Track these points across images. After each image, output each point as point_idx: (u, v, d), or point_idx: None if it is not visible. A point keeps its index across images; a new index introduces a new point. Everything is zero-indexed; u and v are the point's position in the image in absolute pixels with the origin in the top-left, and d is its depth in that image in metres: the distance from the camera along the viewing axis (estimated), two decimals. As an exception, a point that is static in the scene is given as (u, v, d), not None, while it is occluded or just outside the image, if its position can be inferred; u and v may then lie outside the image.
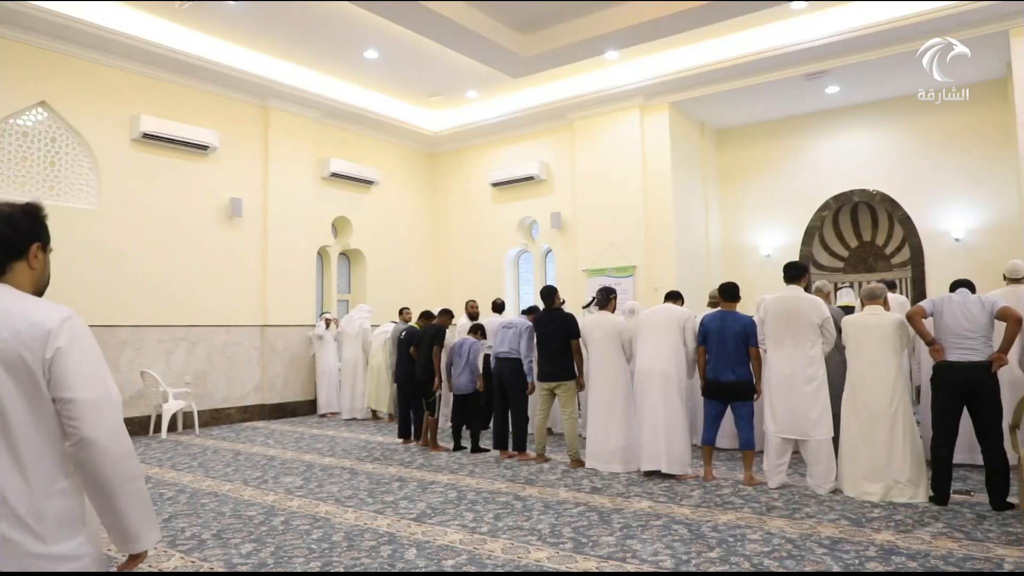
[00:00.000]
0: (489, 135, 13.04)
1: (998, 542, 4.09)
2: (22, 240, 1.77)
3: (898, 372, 5.16)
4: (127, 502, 1.71)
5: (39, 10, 8.01)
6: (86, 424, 1.64)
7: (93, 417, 1.65)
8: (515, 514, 4.98)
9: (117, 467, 1.68)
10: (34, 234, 1.80)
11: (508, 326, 7.31)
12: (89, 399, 1.65)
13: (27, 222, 1.79)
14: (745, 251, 12.22)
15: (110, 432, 1.67)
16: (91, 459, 1.65)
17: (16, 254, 1.76)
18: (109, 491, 1.68)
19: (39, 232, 1.81)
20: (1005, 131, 9.47)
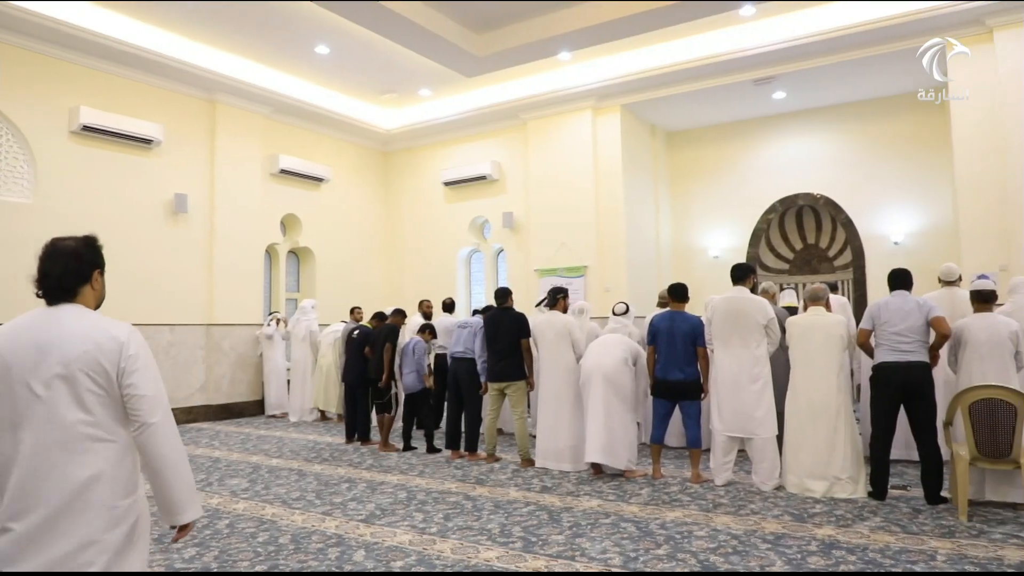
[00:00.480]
0: (442, 134, 12.98)
1: (932, 535, 4.24)
2: (87, 269, 2.22)
3: (839, 372, 5.30)
4: (176, 477, 2.17)
5: (-29, -5, 7.68)
6: (147, 413, 2.13)
7: (152, 408, 2.14)
8: (465, 514, 4.96)
9: (168, 448, 2.16)
10: (95, 262, 2.25)
11: (464, 325, 7.28)
12: (150, 395, 2.14)
13: (89, 253, 2.24)
14: (694, 252, 12.42)
15: (164, 419, 2.16)
16: (150, 440, 2.13)
17: (84, 280, 2.21)
18: (162, 467, 2.14)
19: (98, 260, 2.27)
20: (942, 139, 9.83)
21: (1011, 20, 8.57)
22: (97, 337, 2.12)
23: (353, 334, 8.32)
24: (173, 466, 2.17)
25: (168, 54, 9.51)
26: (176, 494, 2.18)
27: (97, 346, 2.10)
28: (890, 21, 8.86)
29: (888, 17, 8.85)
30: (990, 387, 4.66)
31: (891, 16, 8.83)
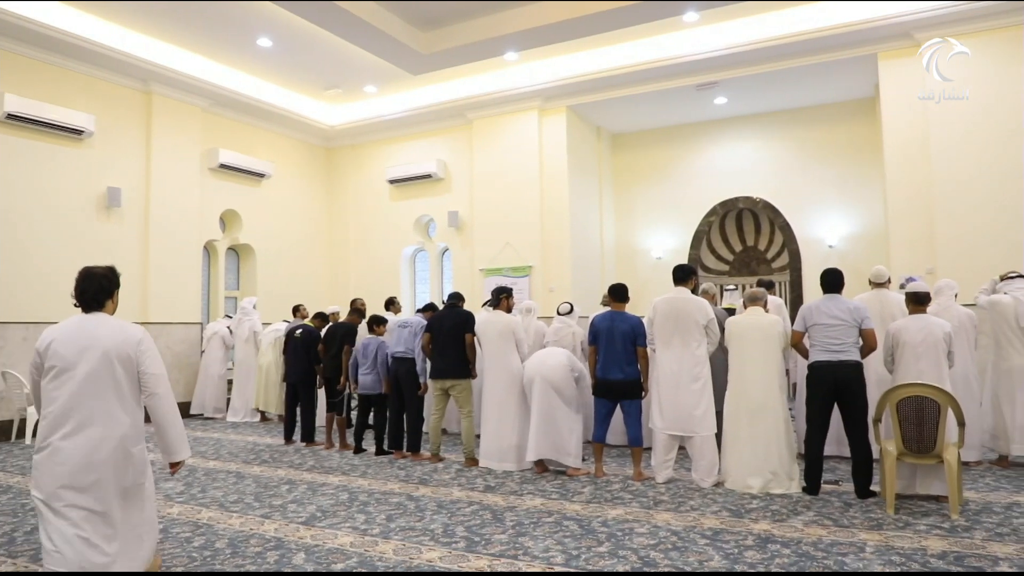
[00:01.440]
0: (387, 131, 12.85)
1: (862, 527, 4.39)
2: (113, 288, 3.45)
3: (776, 371, 5.45)
4: (173, 429, 3.41)
5: None
6: (153, 386, 3.34)
7: (156, 383, 3.34)
8: (408, 515, 4.92)
9: (168, 410, 3.37)
10: (115, 284, 3.47)
11: (404, 325, 7.21)
12: (156, 374, 3.35)
13: (113, 278, 3.46)
14: (638, 253, 12.60)
15: (165, 391, 3.37)
16: (155, 405, 3.34)
17: (108, 296, 3.42)
18: (163, 423, 3.37)
19: (117, 283, 3.48)
20: (874, 146, 10.20)
21: (937, 35, 8.93)
22: (121, 335, 3.32)
23: (295, 333, 8.16)
24: (171, 424, 3.40)
25: (100, 41, 9.16)
26: (172, 442, 3.43)
27: (123, 340, 3.30)
28: (825, 32, 9.16)
29: (824, 28, 9.16)
30: (916, 385, 4.85)
31: (827, 27, 9.14)
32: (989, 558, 3.78)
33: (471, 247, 11.96)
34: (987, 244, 8.51)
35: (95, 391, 3.19)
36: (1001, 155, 8.61)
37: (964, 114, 8.82)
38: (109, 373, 3.22)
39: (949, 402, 4.71)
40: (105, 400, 3.21)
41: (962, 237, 8.71)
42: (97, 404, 3.19)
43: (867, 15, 8.96)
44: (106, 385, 3.21)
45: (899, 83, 9.32)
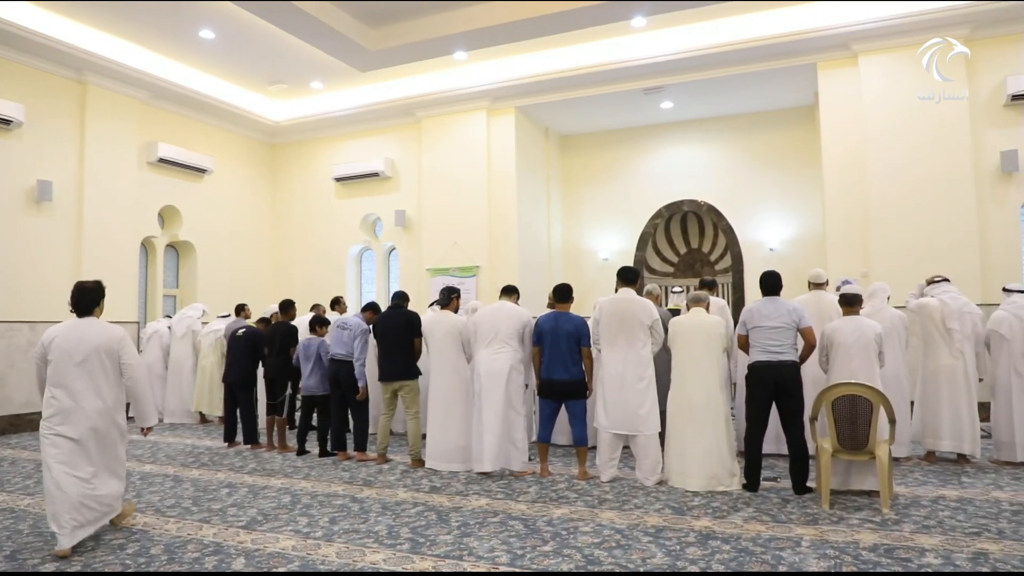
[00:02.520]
0: (334, 128, 12.68)
1: (798, 523, 4.51)
2: (100, 299, 4.59)
3: (718, 371, 5.56)
4: (145, 403, 4.57)
5: None
6: (131, 372, 4.44)
7: (133, 371, 4.46)
8: (352, 517, 4.86)
9: (142, 389, 4.52)
10: (103, 294, 4.63)
11: (343, 326, 7.09)
12: (133, 363, 4.47)
13: (101, 289, 4.62)
14: (584, 254, 12.71)
15: (141, 376, 4.52)
16: (133, 386, 4.47)
17: (96, 305, 4.56)
18: (139, 398, 4.52)
19: (103, 294, 4.63)
20: (813, 153, 10.51)
21: (874, 47, 9.29)
22: (107, 334, 4.45)
23: (238, 333, 7.97)
24: (144, 399, 4.57)
25: (30, 27, 8.79)
26: (145, 412, 4.63)
27: (109, 338, 4.43)
28: (768, 40, 9.41)
29: (766, 37, 9.41)
30: (850, 384, 5.02)
31: (769, 36, 9.39)
32: (916, 549, 3.93)
33: (418, 246, 11.89)
34: (919, 249, 8.86)
35: (88, 375, 4.33)
36: (933, 164, 8.98)
37: (899, 124, 9.17)
38: (99, 362, 4.37)
39: (881, 401, 4.88)
40: (95, 381, 4.35)
41: (895, 242, 9.05)
42: (90, 384, 4.32)
43: (807, 26, 9.24)
44: (96, 370, 4.36)
45: (838, 92, 9.64)
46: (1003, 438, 6.31)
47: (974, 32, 8.89)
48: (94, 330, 4.42)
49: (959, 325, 6.30)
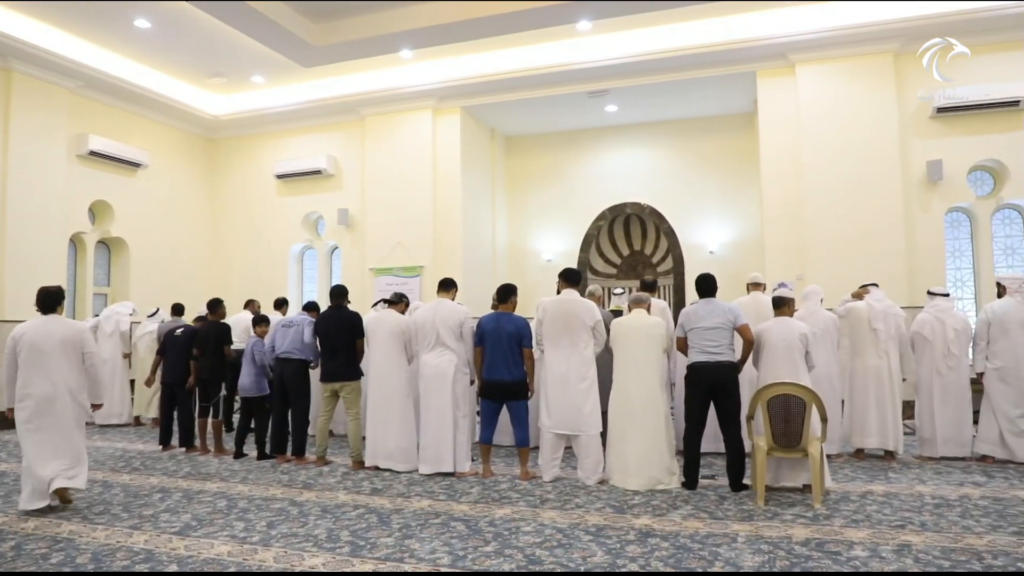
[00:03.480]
0: (276, 124, 12.42)
1: (734, 519, 4.62)
2: (61, 299, 5.40)
3: (658, 371, 5.66)
4: (101, 385, 5.45)
5: None
6: (91, 360, 5.31)
7: (92, 359, 5.33)
8: (290, 520, 4.76)
9: (98, 373, 5.40)
10: (63, 296, 5.47)
11: (288, 324, 6.97)
12: (92, 352, 5.34)
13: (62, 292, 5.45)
14: (529, 255, 12.75)
15: (99, 364, 5.43)
16: (91, 372, 5.32)
17: (59, 304, 5.37)
18: (94, 381, 5.37)
19: (64, 295, 5.48)
20: (752, 159, 10.78)
21: (810, 57, 9.59)
22: (70, 329, 5.25)
23: (175, 333, 7.73)
24: (98, 382, 5.38)
25: (-48, 12, 8.37)
26: (99, 392, 5.42)
27: (72, 333, 5.23)
28: (710, 48, 9.63)
29: (708, 44, 9.62)
30: (785, 384, 5.17)
31: (711, 44, 9.61)
32: (845, 543, 4.07)
33: (361, 246, 11.75)
34: (850, 253, 9.17)
35: (55, 364, 5.10)
36: (864, 172, 9.31)
37: (833, 133, 9.49)
38: (64, 353, 5.14)
39: (814, 400, 5.04)
40: (61, 369, 5.12)
41: (829, 246, 9.35)
42: (57, 371, 5.10)
43: (747, 35, 9.48)
44: (61, 360, 5.13)
45: (775, 100, 9.92)
46: (926, 435, 6.61)
47: (903, 47, 9.27)
48: (59, 326, 5.23)
49: (884, 326, 6.58)
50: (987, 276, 9.25)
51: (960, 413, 6.53)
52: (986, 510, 4.79)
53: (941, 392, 6.54)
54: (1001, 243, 9.65)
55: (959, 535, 4.22)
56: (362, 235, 11.75)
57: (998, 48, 9.06)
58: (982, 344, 6.49)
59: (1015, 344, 6.30)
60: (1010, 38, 9.05)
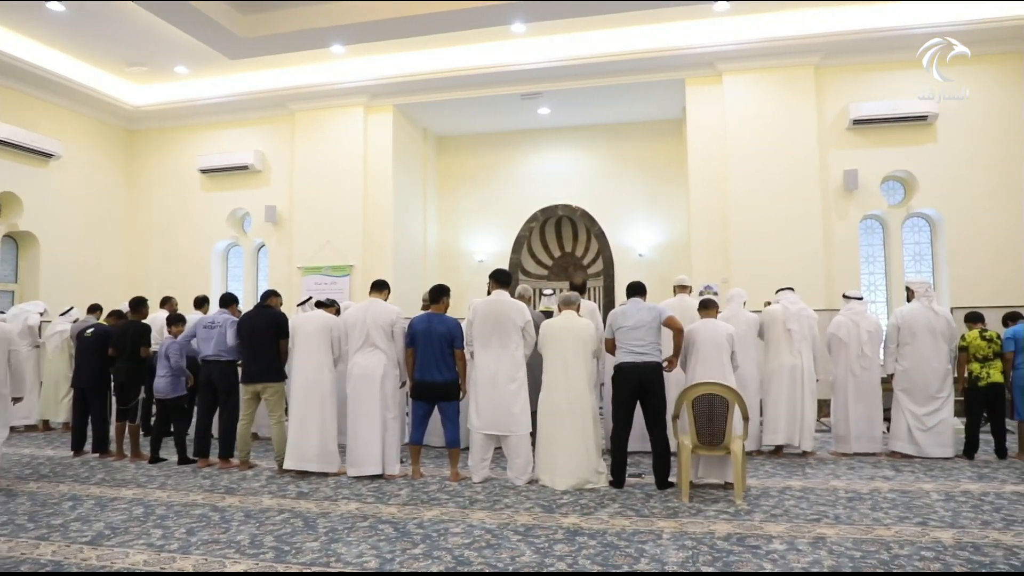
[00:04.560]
0: (200, 117, 12.02)
1: (660, 516, 4.72)
2: None
3: (587, 372, 5.72)
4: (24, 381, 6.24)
5: None
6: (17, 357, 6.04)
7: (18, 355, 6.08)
8: (212, 527, 4.61)
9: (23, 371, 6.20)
10: None
11: (211, 325, 6.73)
12: (19, 351, 6.15)
13: None
14: (460, 255, 12.73)
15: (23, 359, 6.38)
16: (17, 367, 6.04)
17: None
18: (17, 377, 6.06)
19: None
20: (680, 164, 11.04)
21: (736, 67, 9.91)
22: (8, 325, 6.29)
23: (86, 333, 7.37)
24: (21, 379, 6.10)
25: None
26: (21, 387, 6.12)
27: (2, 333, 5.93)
28: (641, 55, 9.85)
29: (639, 51, 9.83)
30: (709, 384, 5.31)
31: (642, 51, 9.83)
32: (765, 537, 4.21)
33: (289, 244, 11.49)
34: (772, 257, 9.50)
35: None
36: (785, 179, 9.68)
37: (757, 140, 9.83)
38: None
39: (736, 399, 5.20)
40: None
41: (752, 250, 9.67)
42: None
43: (677, 43, 9.72)
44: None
45: (703, 107, 10.20)
46: (841, 432, 6.91)
47: (823, 60, 9.67)
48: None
49: (797, 327, 6.86)
50: (897, 280, 9.75)
51: (872, 411, 6.86)
52: (894, 502, 5.03)
53: (855, 391, 6.85)
54: (911, 249, 10.18)
55: (869, 527, 4.42)
56: (290, 233, 11.49)
57: (911, 66, 9.53)
58: (892, 346, 6.82)
59: (921, 346, 6.65)
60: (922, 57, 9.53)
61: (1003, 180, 9.33)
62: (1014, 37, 9.17)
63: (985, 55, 9.27)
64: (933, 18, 9.05)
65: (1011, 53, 9.36)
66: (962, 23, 8.99)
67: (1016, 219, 9.26)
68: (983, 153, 9.42)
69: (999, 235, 9.29)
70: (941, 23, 9.03)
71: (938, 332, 6.64)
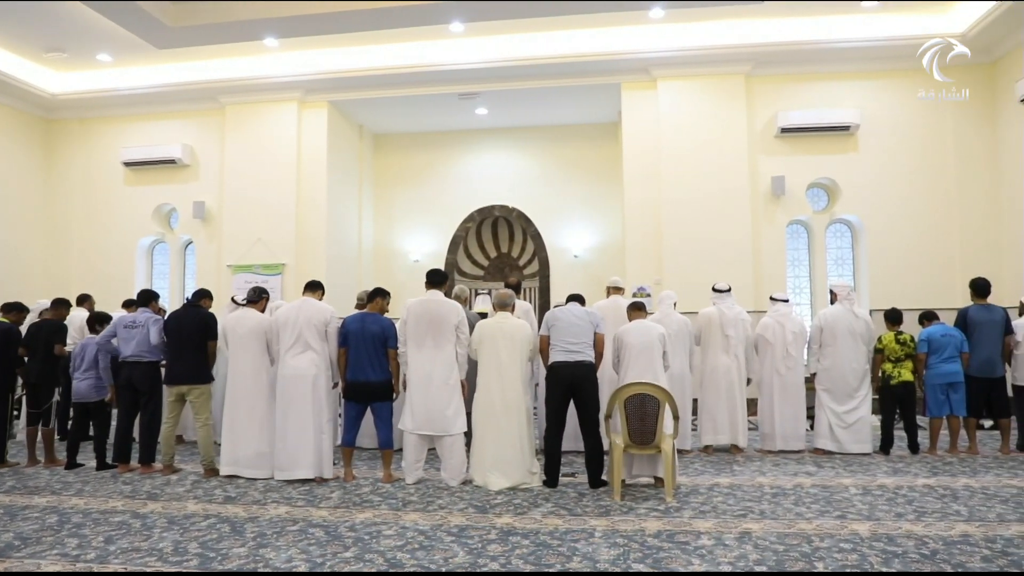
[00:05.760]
0: (124, 107, 11.54)
1: (592, 515, 4.77)
2: None
3: (521, 372, 5.74)
4: None
5: None
6: None
7: None
8: (132, 534, 4.43)
9: None
10: None
11: (132, 325, 6.47)
12: None
13: None
14: (396, 255, 12.60)
15: None
16: None
17: None
18: None
19: None
20: (616, 167, 11.19)
21: (670, 74, 10.11)
22: None
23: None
24: None
25: None
26: None
27: None
28: (578, 58, 9.94)
29: (576, 54, 9.92)
30: (641, 384, 5.39)
31: (579, 54, 9.92)
32: (693, 533, 4.31)
33: (219, 241, 11.15)
34: (705, 260, 9.72)
35: None
36: (717, 184, 9.92)
37: (690, 145, 10.04)
38: None
39: (667, 399, 5.30)
40: None
41: (684, 252, 9.88)
42: None
43: (613, 48, 9.86)
44: None
45: (638, 112, 10.36)
46: (767, 430, 7.13)
47: (754, 69, 9.96)
48: None
49: (734, 332, 7.05)
50: (821, 284, 10.13)
51: (797, 410, 7.10)
52: (816, 497, 5.22)
53: (781, 391, 7.08)
54: (833, 254, 10.59)
55: (792, 521, 4.58)
56: (219, 230, 11.16)
57: (837, 77, 9.97)
58: (815, 347, 7.08)
59: (841, 347, 6.92)
60: (847, 69, 9.97)
61: (919, 189, 9.80)
62: (928, 54, 9.65)
63: (904, 70, 9.73)
64: (857, 33, 9.45)
65: (926, 69, 9.84)
66: (882, 39, 9.43)
67: (931, 226, 9.75)
68: (901, 163, 9.88)
69: (916, 241, 9.75)
70: (864, 38, 9.46)
71: (857, 334, 6.93)
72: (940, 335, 6.88)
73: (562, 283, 11.49)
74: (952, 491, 5.38)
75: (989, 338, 6.90)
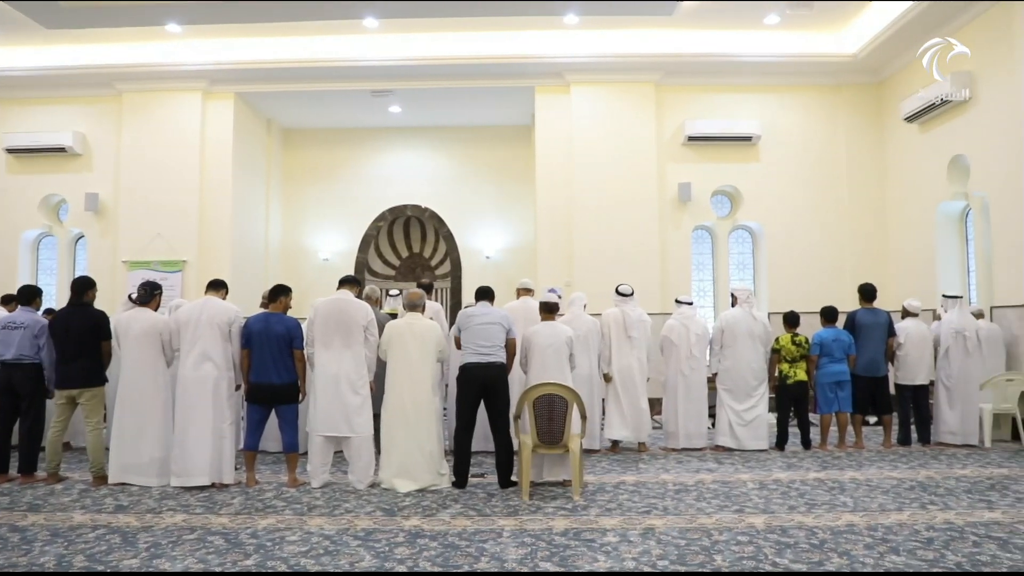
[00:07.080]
0: (7, 90, 10.77)
1: (501, 515, 4.78)
2: None
3: (431, 373, 5.70)
4: None
5: None
6: None
7: None
8: (8, 549, 4.12)
9: None
10: None
11: (13, 326, 6.03)
12: None
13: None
14: (305, 253, 12.29)
15: None
16: None
17: None
18: None
19: None
20: (529, 169, 11.29)
21: (583, 79, 10.31)
22: None
23: None
24: None
25: None
26: None
27: None
28: (492, 60, 10.00)
29: (491, 56, 9.99)
30: (549, 384, 5.46)
31: (493, 56, 9.99)
32: (600, 530, 4.39)
33: (114, 235, 10.57)
34: (614, 262, 9.93)
35: None
36: (626, 189, 10.18)
37: (601, 150, 10.27)
38: None
39: (575, 399, 5.38)
40: None
41: (594, 255, 10.07)
42: None
43: (528, 52, 9.96)
44: None
45: (552, 116, 10.51)
46: (671, 429, 7.35)
47: (663, 78, 10.27)
48: None
49: (638, 333, 7.24)
50: (723, 287, 10.54)
51: (700, 409, 7.35)
52: (716, 492, 5.42)
53: (684, 391, 7.32)
54: (736, 258, 11.04)
55: (694, 516, 4.73)
56: (114, 224, 10.58)
57: (740, 89, 10.42)
58: (716, 348, 7.36)
59: (741, 348, 7.22)
60: (750, 82, 10.43)
61: (816, 198, 10.37)
62: (826, 72, 10.21)
63: (802, 86, 10.27)
64: (760, 49, 9.92)
65: (826, 85, 10.41)
66: (782, 55, 9.94)
67: (825, 234, 10.32)
68: (798, 174, 10.41)
69: (810, 248, 10.30)
70: (766, 54, 9.94)
71: (756, 336, 7.25)
72: (831, 339, 7.27)
73: (474, 284, 11.30)
74: (840, 484, 5.70)
75: (874, 340, 7.35)
